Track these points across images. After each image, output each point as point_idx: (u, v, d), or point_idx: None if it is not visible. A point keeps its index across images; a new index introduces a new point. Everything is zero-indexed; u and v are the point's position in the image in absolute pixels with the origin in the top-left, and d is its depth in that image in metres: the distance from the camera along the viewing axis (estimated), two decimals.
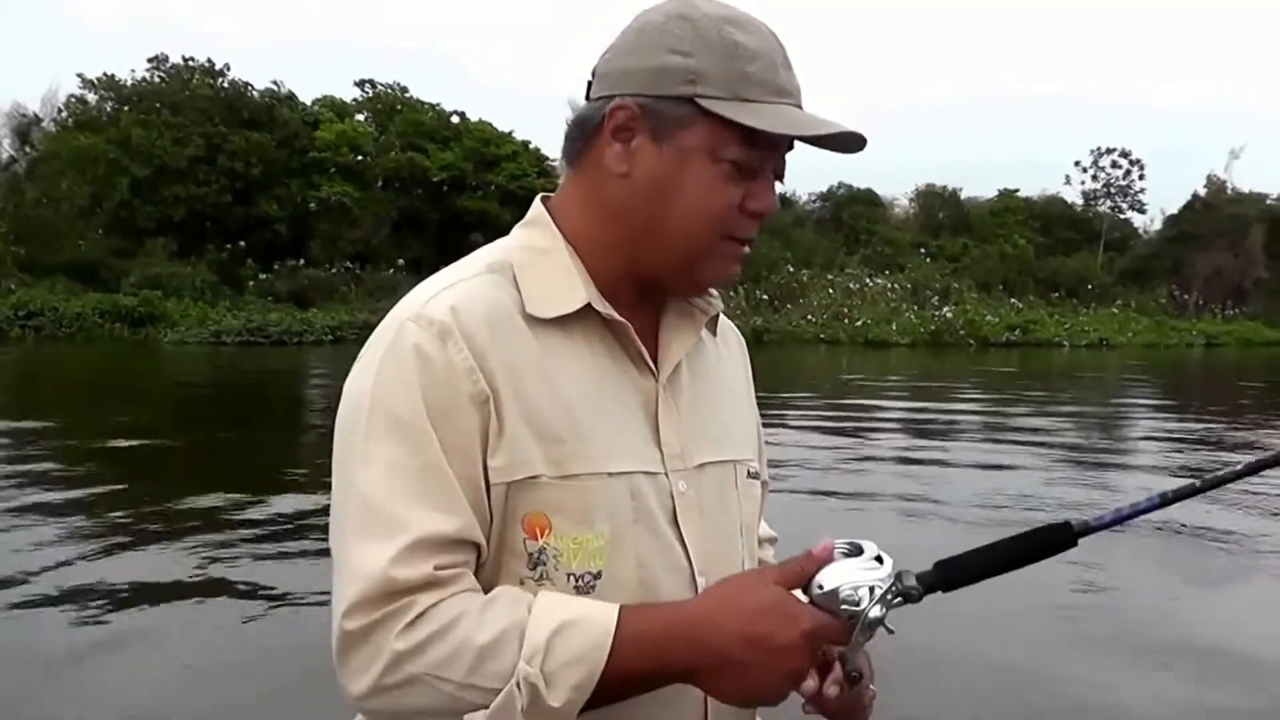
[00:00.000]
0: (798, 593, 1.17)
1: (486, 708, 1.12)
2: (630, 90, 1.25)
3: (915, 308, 43.44)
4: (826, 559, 1.16)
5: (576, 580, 1.23)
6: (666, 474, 1.30)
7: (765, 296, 42.16)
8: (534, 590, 1.20)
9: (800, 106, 1.27)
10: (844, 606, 1.14)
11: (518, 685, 1.11)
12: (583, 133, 1.30)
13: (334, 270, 39.97)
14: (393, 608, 1.14)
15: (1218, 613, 6.22)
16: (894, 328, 40.57)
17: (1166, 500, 1.17)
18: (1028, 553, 1.19)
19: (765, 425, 1.58)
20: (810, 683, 1.20)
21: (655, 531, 1.28)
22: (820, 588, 1.14)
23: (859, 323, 40.87)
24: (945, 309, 43.21)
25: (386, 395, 1.20)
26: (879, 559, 1.17)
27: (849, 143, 1.26)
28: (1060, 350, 39.80)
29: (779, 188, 1.32)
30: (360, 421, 1.20)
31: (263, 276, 39.19)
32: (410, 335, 1.21)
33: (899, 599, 1.15)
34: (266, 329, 32.48)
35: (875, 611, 1.14)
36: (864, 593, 1.14)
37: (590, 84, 1.31)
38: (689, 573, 1.30)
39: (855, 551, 1.17)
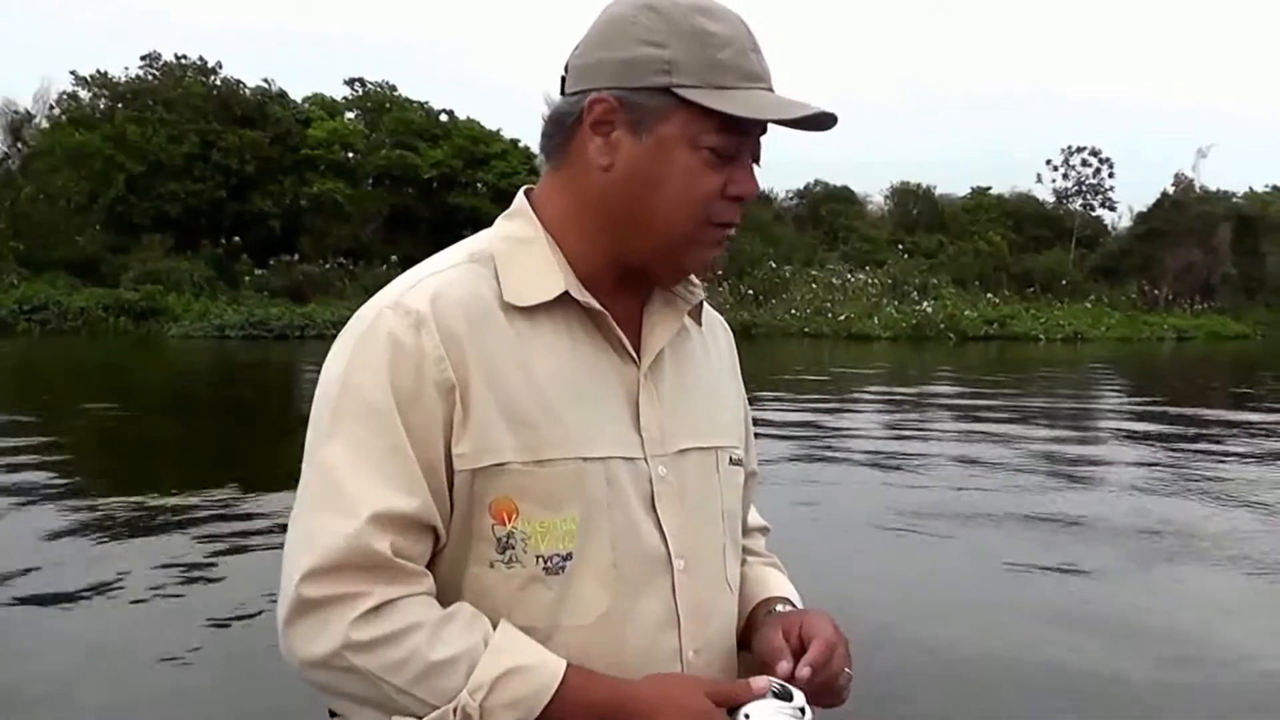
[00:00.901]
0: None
1: (417, 716, 1.19)
2: (605, 84, 1.27)
3: (896, 302, 44.39)
4: (761, 694, 1.24)
5: (545, 562, 1.26)
6: (646, 459, 1.33)
7: (750, 292, 43.00)
8: (504, 572, 1.26)
9: (771, 89, 1.30)
10: None
11: (454, 711, 1.17)
12: (560, 128, 1.32)
13: (328, 266, 40.50)
14: (350, 590, 1.18)
15: None
16: (876, 322, 41.56)
17: None
18: None
19: (775, 406, 1.99)
20: (785, 664, 1.30)
21: (630, 516, 1.31)
22: (746, 716, 1.23)
23: (842, 317, 41.83)
24: (925, 304, 44.19)
25: (358, 378, 1.24)
26: (802, 710, 1.24)
27: (821, 121, 1.28)
28: (1037, 344, 40.85)
29: (759, 173, 1.34)
30: (331, 401, 1.25)
31: (258, 272, 39.65)
32: (386, 322, 1.24)
33: None
34: (269, 323, 33.09)
35: None
36: None
37: (564, 78, 1.33)
38: (665, 556, 1.33)
39: (785, 695, 1.25)
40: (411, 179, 44.51)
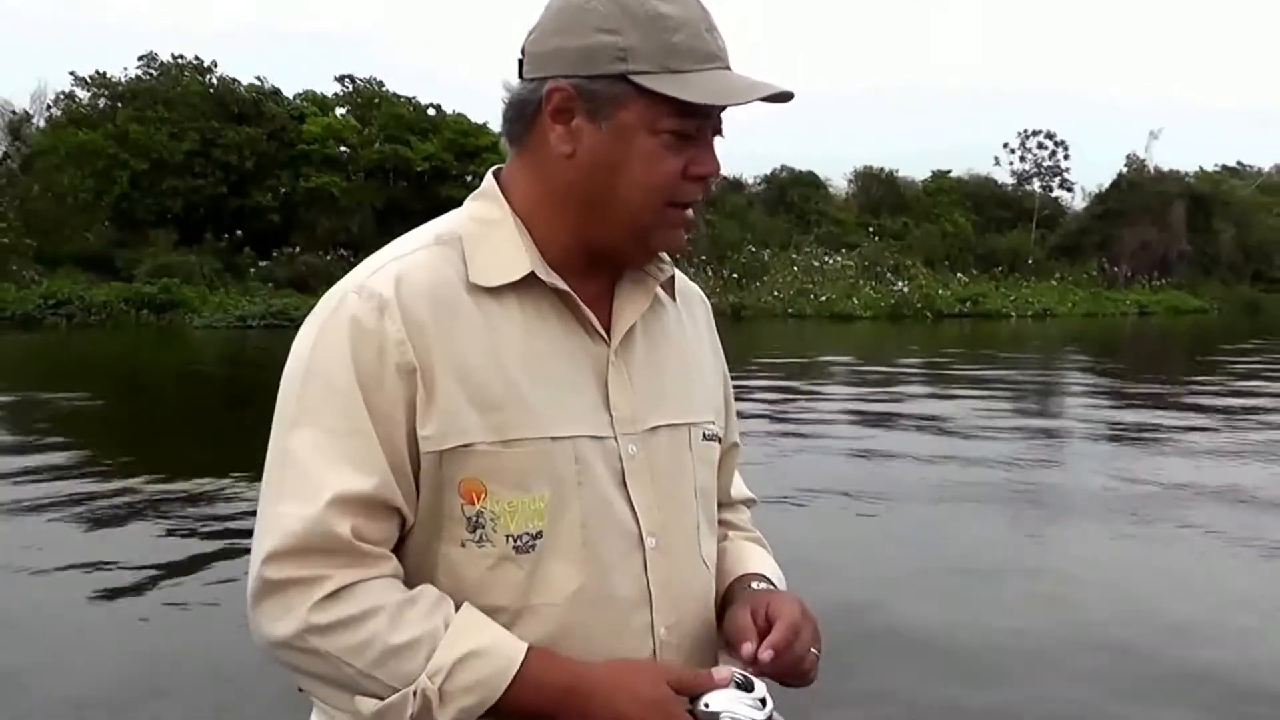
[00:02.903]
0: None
1: (380, 698, 1.20)
2: (563, 71, 1.27)
3: (872, 283, 45.81)
4: (723, 684, 1.25)
5: (515, 541, 1.27)
6: (615, 437, 1.34)
7: (734, 275, 44.10)
8: (475, 551, 1.27)
9: (729, 67, 1.30)
10: None
11: (414, 693, 1.18)
12: (521, 115, 1.33)
13: (328, 257, 41.38)
14: (310, 573, 1.20)
15: None
16: (856, 302, 43.01)
17: None
18: None
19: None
20: (749, 645, 1.30)
21: (601, 494, 1.32)
22: (706, 705, 1.23)
23: (823, 298, 43.14)
24: (900, 284, 45.69)
25: (322, 362, 1.25)
26: (763, 701, 1.25)
27: (778, 96, 1.29)
28: (1008, 320, 42.41)
29: (720, 149, 1.34)
30: (296, 385, 1.27)
31: (262, 264, 40.51)
32: (350, 306, 1.26)
33: None
34: (288, 312, 34.12)
35: None
36: None
37: (521, 61, 1.33)
38: (636, 534, 1.35)
39: (747, 685, 1.26)
40: (404, 172, 45.33)
